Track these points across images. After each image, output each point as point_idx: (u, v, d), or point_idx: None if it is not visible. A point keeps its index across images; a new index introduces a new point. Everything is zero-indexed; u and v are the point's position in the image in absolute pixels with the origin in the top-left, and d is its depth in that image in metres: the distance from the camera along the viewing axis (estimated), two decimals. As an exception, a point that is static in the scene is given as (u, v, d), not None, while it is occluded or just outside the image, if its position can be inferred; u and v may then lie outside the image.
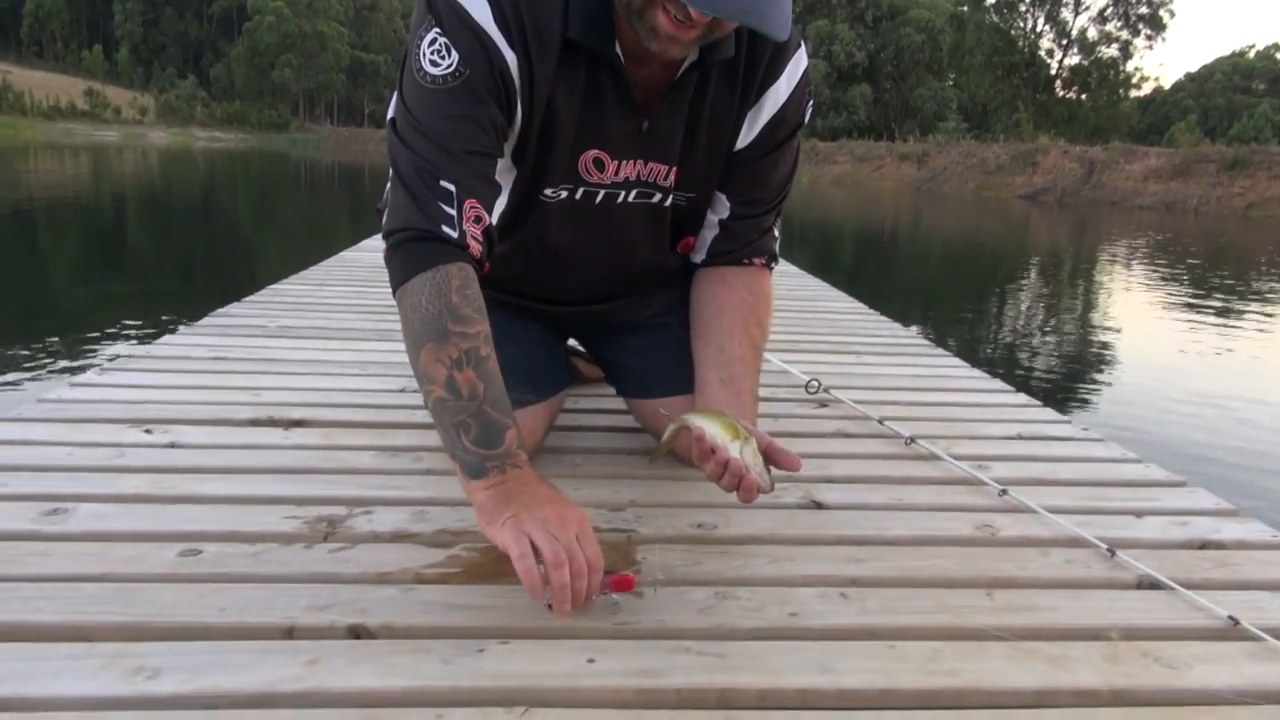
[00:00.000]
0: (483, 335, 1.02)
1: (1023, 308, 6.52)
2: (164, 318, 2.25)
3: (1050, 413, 1.79)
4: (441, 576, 0.99)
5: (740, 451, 1.02)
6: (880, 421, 1.59)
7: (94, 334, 4.00)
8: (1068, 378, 4.17)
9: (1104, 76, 44.18)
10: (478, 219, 1.07)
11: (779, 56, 1.18)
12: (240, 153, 42.93)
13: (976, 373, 2.10)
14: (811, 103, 1.26)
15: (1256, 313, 6.33)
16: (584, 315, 1.43)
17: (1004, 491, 1.28)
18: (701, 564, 1.05)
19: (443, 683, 0.80)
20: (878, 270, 8.74)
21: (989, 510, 1.25)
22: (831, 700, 0.81)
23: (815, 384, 1.77)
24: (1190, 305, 6.52)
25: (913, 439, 1.49)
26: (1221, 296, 7.11)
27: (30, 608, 0.89)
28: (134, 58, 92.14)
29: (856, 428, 1.61)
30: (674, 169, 1.22)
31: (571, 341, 1.65)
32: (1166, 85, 64.44)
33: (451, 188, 1.04)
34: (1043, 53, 44.83)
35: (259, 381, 1.73)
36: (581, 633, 0.89)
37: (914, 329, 2.63)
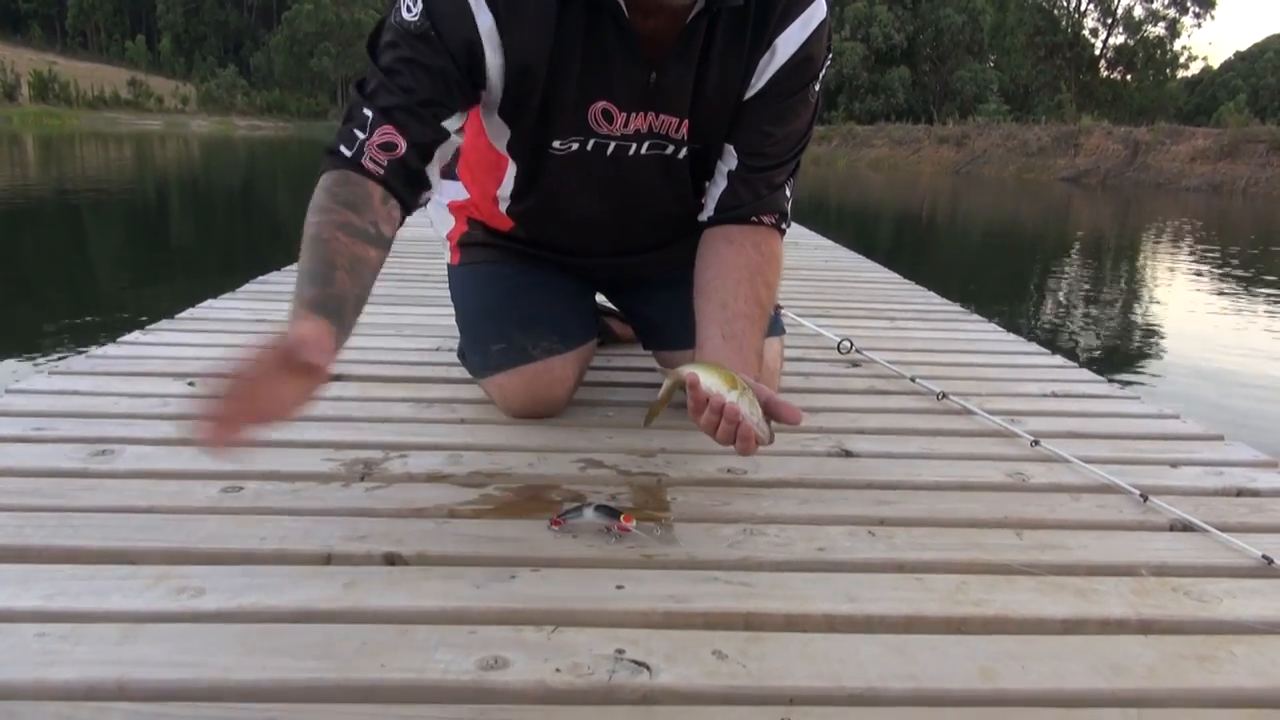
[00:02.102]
0: (334, 223, 1.01)
1: (1063, 287, 6.43)
2: (206, 288, 2.29)
3: (1085, 372, 1.77)
4: (475, 512, 1.01)
5: (737, 400, 0.96)
6: (912, 379, 1.59)
7: (138, 302, 4.10)
8: (1107, 350, 4.11)
9: (1150, 56, 43.28)
10: (387, 145, 1.06)
11: (794, 4, 1.15)
12: (279, 140, 43.35)
13: (1011, 336, 2.09)
14: (830, 56, 1.22)
15: (1305, 291, 6.18)
16: (613, 268, 1.44)
17: (1036, 442, 1.28)
18: (731, 504, 1.06)
19: (475, 604, 0.82)
20: (916, 253, 8.65)
21: (1020, 460, 1.25)
22: (858, 625, 0.82)
23: (848, 344, 1.76)
24: (1237, 284, 6.39)
25: (944, 394, 1.49)
26: (1268, 274, 6.96)
27: (79, 535, 0.92)
28: (175, 47, 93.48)
29: (888, 385, 1.60)
30: (685, 121, 1.20)
31: (603, 300, 1.67)
32: (1215, 65, 62.96)
33: (369, 113, 1.06)
34: (1086, 32, 44.02)
35: (298, 341, 1.76)
36: (611, 563, 0.91)
37: (949, 299, 2.60)
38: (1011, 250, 8.92)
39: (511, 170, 1.27)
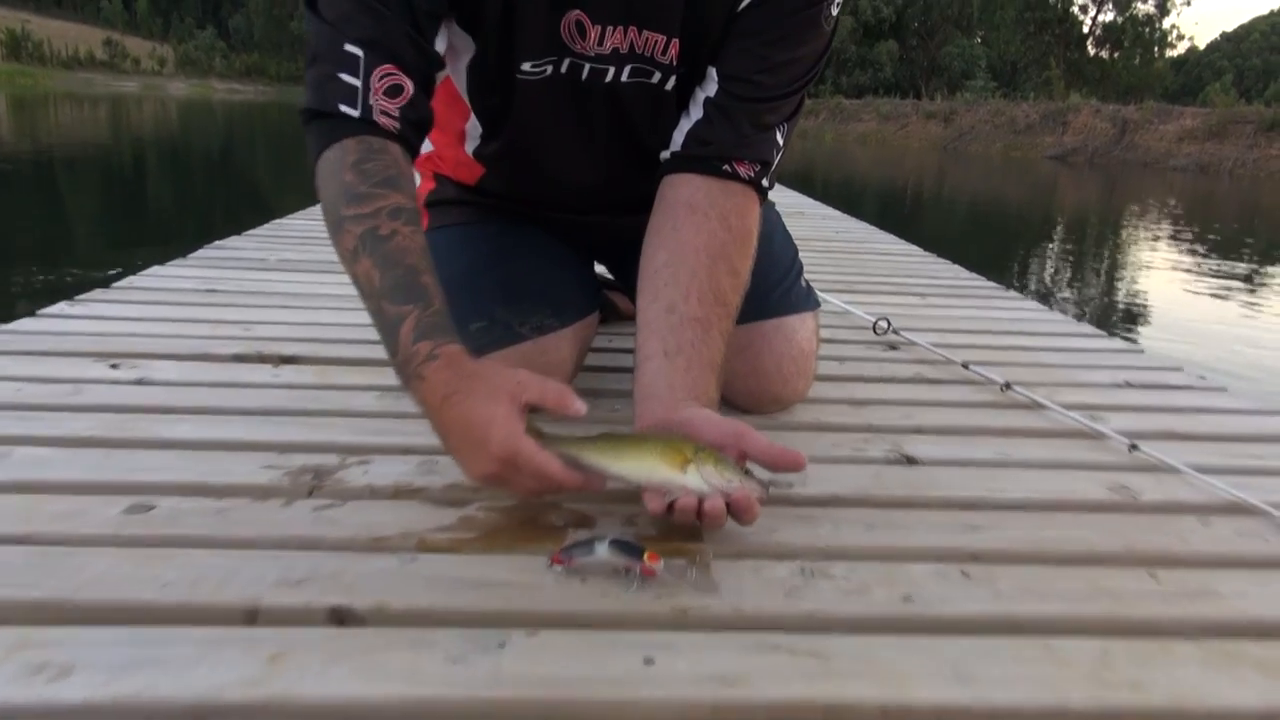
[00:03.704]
0: (386, 210, 0.82)
1: (1050, 267, 6.22)
2: (157, 254, 2.03)
3: (1154, 358, 1.55)
4: (452, 543, 0.78)
5: (700, 480, 0.75)
6: (965, 366, 1.37)
7: (82, 270, 3.79)
8: (1126, 330, 3.91)
9: (1139, 34, 43.08)
10: (394, 90, 0.85)
11: None
12: (259, 105, 42.50)
13: (1058, 315, 1.87)
14: None
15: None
16: (608, 230, 1.20)
17: (1134, 446, 1.06)
18: (779, 531, 0.83)
19: (452, 690, 0.59)
20: (904, 228, 8.42)
21: (1119, 469, 1.03)
22: (981, 722, 0.59)
23: (885, 324, 1.54)
24: (1246, 265, 6.21)
25: (1009, 385, 1.27)
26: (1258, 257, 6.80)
27: (-81, 577, 0.69)
28: (152, 7, 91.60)
29: (937, 372, 1.38)
30: (675, 40, 0.95)
31: (602, 271, 1.43)
32: (1201, 45, 62.95)
33: (358, 52, 0.84)
34: (1076, 8, 43.75)
35: (251, 315, 1.52)
36: (634, 621, 0.68)
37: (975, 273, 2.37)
38: (1000, 227, 8.71)
39: (475, 100, 1.04)
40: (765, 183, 0.99)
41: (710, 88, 0.98)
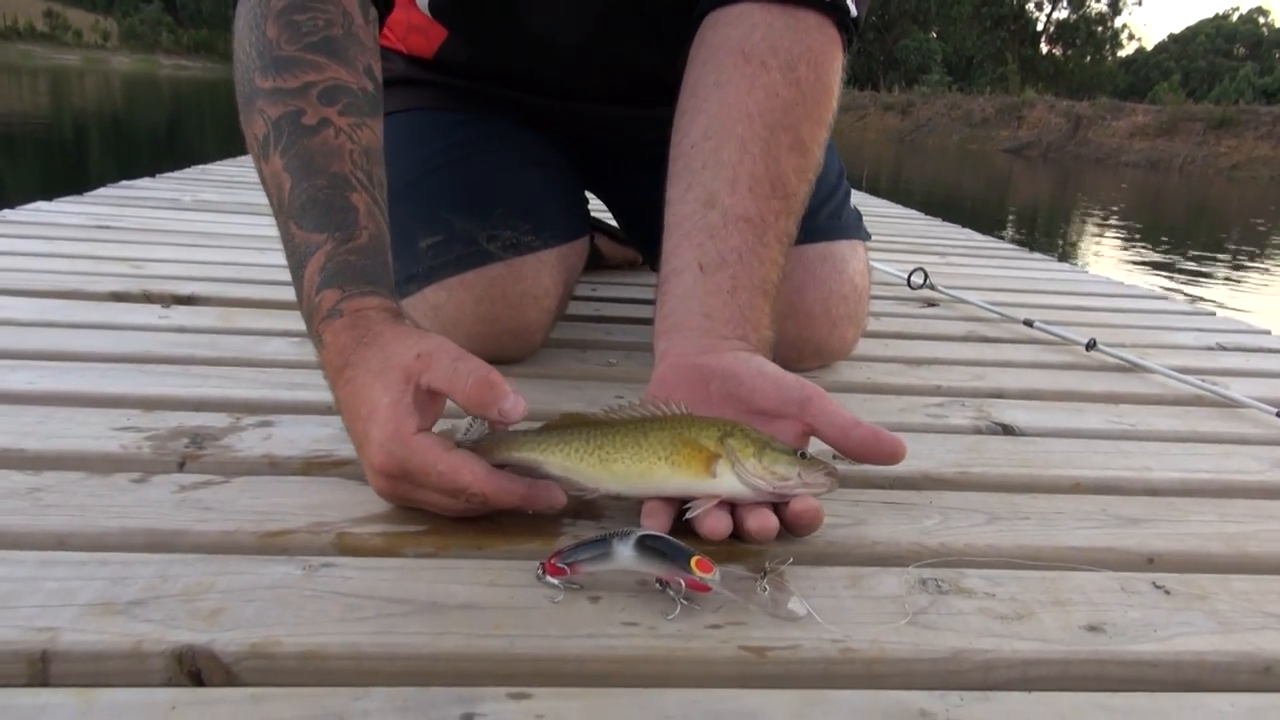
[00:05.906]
0: (319, 87, 0.58)
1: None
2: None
3: (1229, 321, 1.32)
4: (387, 541, 0.51)
5: (736, 482, 0.51)
6: (1029, 324, 1.13)
7: None
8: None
9: (1091, 33, 43.69)
10: None
11: None
12: (208, 82, 41.20)
13: (1104, 276, 1.64)
14: None
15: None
16: (607, 124, 0.92)
17: (1284, 416, 0.82)
18: (870, 522, 0.57)
19: (374, 817, 0.32)
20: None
21: (1274, 443, 0.79)
22: None
23: (921, 275, 1.29)
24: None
25: (1094, 344, 1.03)
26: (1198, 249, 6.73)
27: None
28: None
29: (996, 331, 1.14)
30: None
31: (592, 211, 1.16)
32: (1149, 46, 64.11)
33: None
34: (1031, 5, 44.24)
35: (148, 253, 1.24)
36: (680, 671, 0.42)
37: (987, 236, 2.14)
38: (959, 216, 8.59)
39: None
40: (853, 8, 0.69)
41: None
